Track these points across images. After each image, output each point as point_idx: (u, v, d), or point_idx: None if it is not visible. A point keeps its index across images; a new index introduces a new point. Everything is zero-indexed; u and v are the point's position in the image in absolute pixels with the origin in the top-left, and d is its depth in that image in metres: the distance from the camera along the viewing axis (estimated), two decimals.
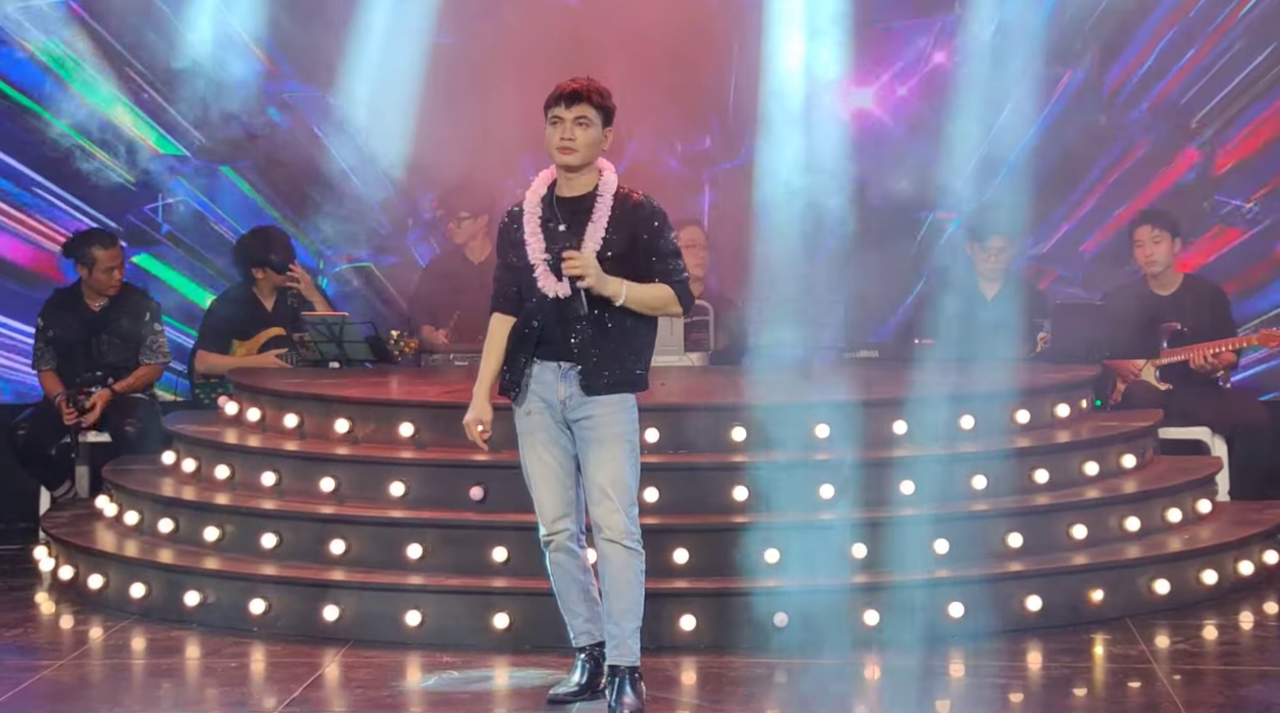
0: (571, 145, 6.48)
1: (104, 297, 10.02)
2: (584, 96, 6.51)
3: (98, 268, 9.95)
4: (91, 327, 10.05)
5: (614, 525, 6.51)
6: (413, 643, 7.55)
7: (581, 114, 6.50)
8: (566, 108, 6.50)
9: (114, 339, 10.06)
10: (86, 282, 10.01)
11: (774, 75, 10.57)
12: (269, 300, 10.22)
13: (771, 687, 7.03)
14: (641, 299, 6.53)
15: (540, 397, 6.61)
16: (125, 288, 10.16)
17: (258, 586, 7.83)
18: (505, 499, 7.83)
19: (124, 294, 10.12)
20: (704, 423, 8.10)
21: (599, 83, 6.58)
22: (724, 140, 11.25)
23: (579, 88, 6.53)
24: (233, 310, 10.22)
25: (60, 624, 8.16)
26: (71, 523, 8.95)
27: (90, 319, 10.06)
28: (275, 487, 8.30)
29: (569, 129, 6.49)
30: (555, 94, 6.55)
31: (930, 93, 10.99)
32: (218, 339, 10.17)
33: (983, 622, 7.64)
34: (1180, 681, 7.01)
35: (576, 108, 6.49)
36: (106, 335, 10.05)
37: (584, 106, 6.50)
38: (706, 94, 11.18)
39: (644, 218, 6.56)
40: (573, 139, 6.48)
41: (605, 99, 6.56)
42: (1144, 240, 9.82)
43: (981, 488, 8.08)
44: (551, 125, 6.53)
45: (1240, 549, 8.40)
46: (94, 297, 10.05)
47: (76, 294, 10.12)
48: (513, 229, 6.66)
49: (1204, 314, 9.79)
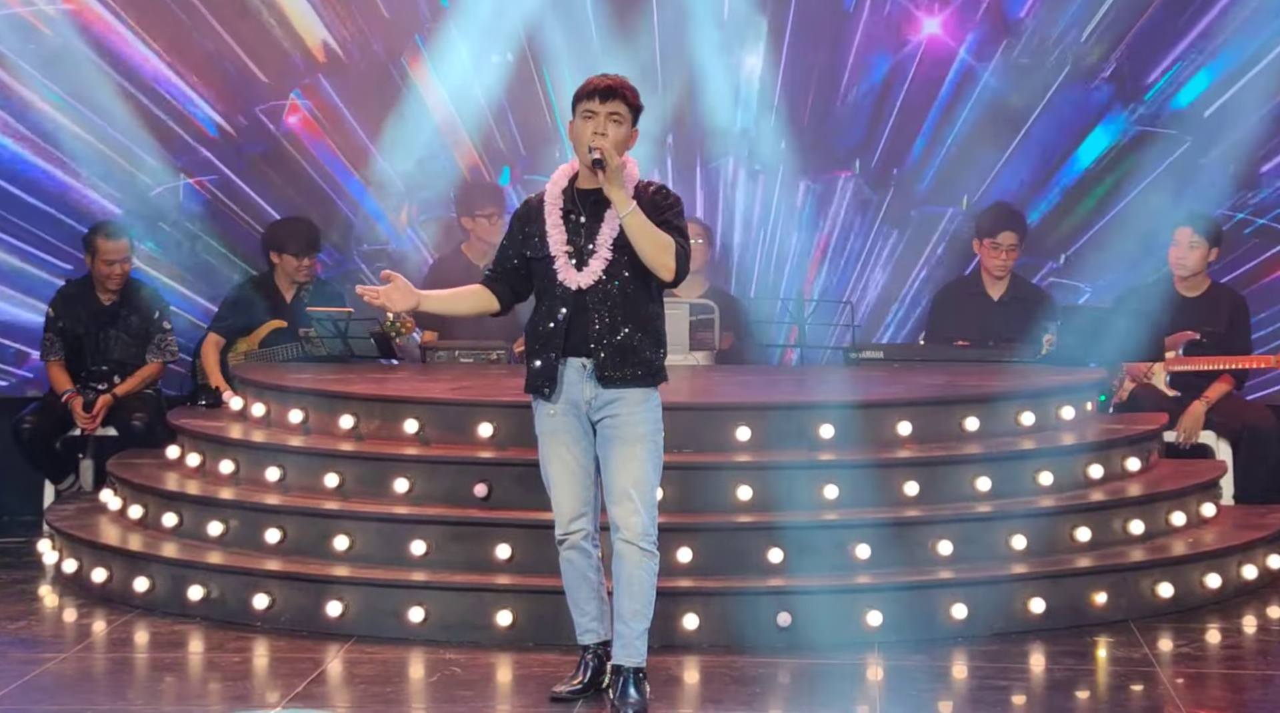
0: (604, 142, 6.47)
1: (113, 292, 10.02)
2: (618, 93, 6.52)
3: (99, 258, 9.95)
4: (100, 321, 10.05)
5: (633, 526, 6.52)
6: (416, 639, 7.55)
7: (615, 110, 6.50)
8: (601, 103, 6.50)
9: (122, 335, 10.05)
10: (92, 271, 10.02)
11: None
12: (288, 292, 10.20)
13: (775, 687, 7.03)
14: (646, 226, 6.46)
15: (566, 397, 6.60)
16: (136, 285, 10.14)
17: (261, 581, 7.83)
18: (509, 496, 7.83)
19: (134, 291, 10.10)
20: (708, 422, 8.10)
21: (629, 81, 6.60)
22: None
23: (614, 84, 6.54)
24: (250, 294, 10.21)
25: (64, 618, 8.16)
26: (75, 516, 8.95)
27: (99, 313, 10.05)
28: (279, 482, 8.30)
29: (602, 124, 6.49)
30: (589, 89, 6.55)
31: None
32: (230, 320, 10.13)
33: (986, 623, 7.65)
34: (1183, 684, 7.01)
35: (611, 103, 6.50)
36: (115, 331, 10.05)
37: (618, 103, 6.51)
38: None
39: (658, 200, 6.57)
40: (605, 134, 6.47)
41: (637, 98, 6.57)
42: (1181, 242, 9.79)
43: (986, 490, 8.08)
44: (584, 119, 6.52)
45: (1244, 553, 8.40)
46: (104, 290, 10.04)
47: (88, 286, 10.10)
48: (528, 221, 6.66)
49: (1223, 322, 9.79)
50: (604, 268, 6.53)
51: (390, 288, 6.71)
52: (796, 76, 10.87)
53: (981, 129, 10.78)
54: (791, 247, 11.11)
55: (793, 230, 11.09)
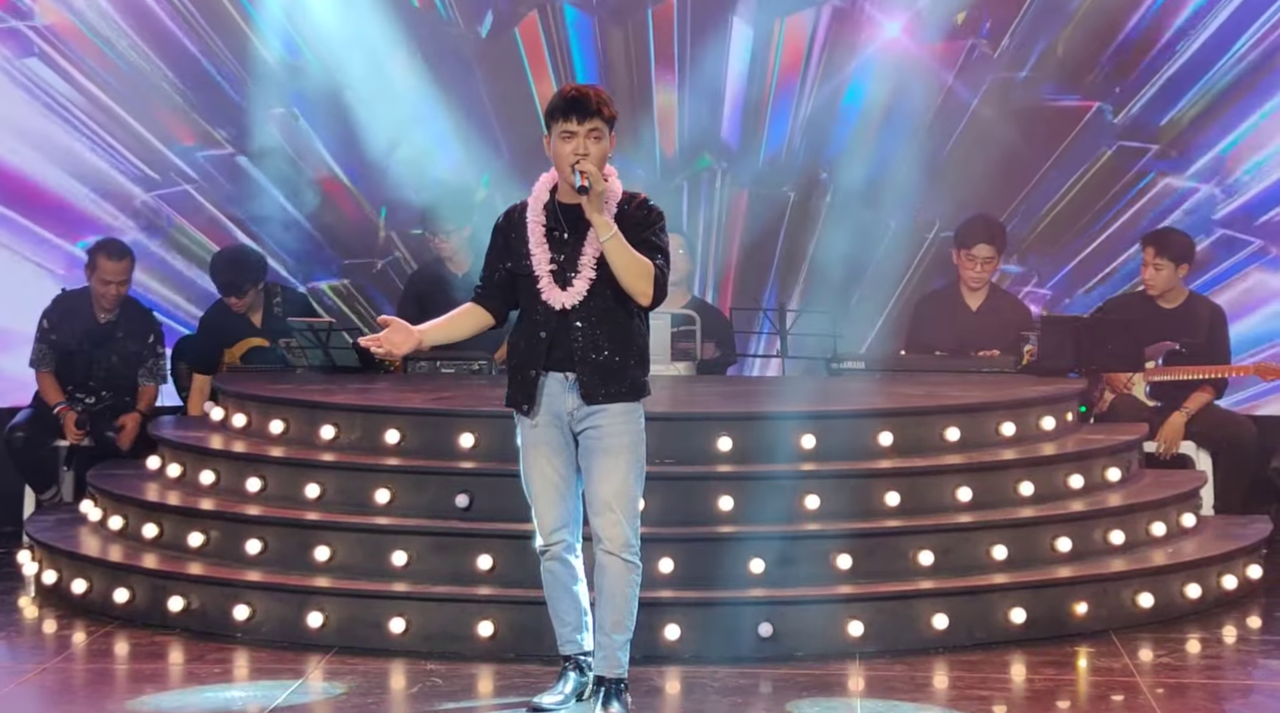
0: (588, 165, 6.40)
1: (108, 310, 9.99)
2: (595, 110, 6.43)
3: (97, 276, 9.94)
4: (94, 338, 10.02)
5: (615, 538, 6.51)
6: (397, 650, 7.54)
7: (594, 127, 6.45)
8: (580, 122, 6.43)
9: (114, 356, 10.03)
10: (89, 284, 10.01)
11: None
12: (255, 316, 10.18)
13: (756, 697, 7.03)
14: (625, 252, 6.40)
15: (548, 409, 6.59)
16: (133, 306, 10.13)
17: (242, 591, 7.82)
18: (491, 507, 7.82)
19: (130, 313, 10.08)
20: (690, 433, 8.10)
21: (603, 90, 6.54)
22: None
23: (590, 101, 6.43)
24: (218, 321, 10.20)
25: (44, 629, 8.14)
26: (56, 527, 8.93)
27: (94, 331, 10.02)
28: (260, 493, 8.29)
29: (582, 144, 6.43)
30: (564, 105, 6.44)
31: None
32: (205, 355, 10.12)
33: (966, 633, 7.66)
34: (1163, 694, 7.02)
35: (589, 122, 6.44)
36: (106, 350, 10.02)
37: (596, 120, 6.45)
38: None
39: (640, 216, 6.52)
40: (587, 154, 6.42)
41: (613, 108, 6.49)
42: (1147, 262, 9.85)
43: (966, 500, 8.09)
44: (562, 139, 6.45)
45: (1224, 564, 8.42)
46: (100, 308, 10.02)
47: (85, 300, 10.06)
48: (510, 234, 6.64)
49: (1202, 333, 9.81)
50: (588, 287, 6.51)
51: (389, 333, 6.63)
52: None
53: (955, 142, 10.86)
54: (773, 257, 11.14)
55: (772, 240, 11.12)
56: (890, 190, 10.83)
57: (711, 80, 11.02)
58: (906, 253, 11.03)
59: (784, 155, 11.09)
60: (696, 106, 11.06)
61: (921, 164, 10.80)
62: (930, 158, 10.84)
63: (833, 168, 10.98)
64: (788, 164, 11.12)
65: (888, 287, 11.02)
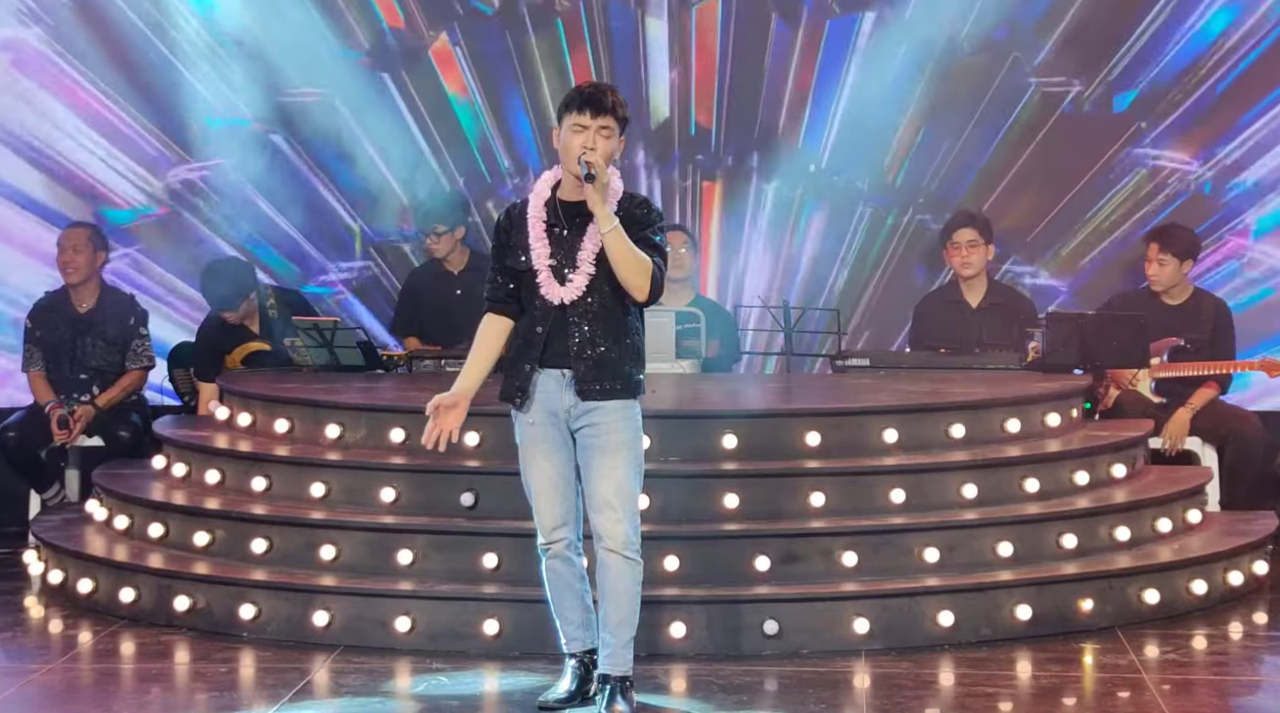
0: (594, 155, 6.43)
1: (77, 286, 10.07)
2: (609, 108, 6.45)
3: (58, 251, 10.07)
4: (77, 328, 10.08)
5: (616, 535, 6.51)
6: (402, 649, 7.54)
7: (605, 124, 6.46)
8: (592, 117, 6.44)
9: (99, 342, 10.08)
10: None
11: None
12: (251, 322, 10.18)
13: (762, 694, 7.03)
14: (625, 245, 6.39)
15: (544, 406, 6.59)
16: (112, 292, 10.18)
17: (247, 591, 7.82)
18: (496, 506, 7.83)
19: (109, 300, 10.14)
20: (695, 430, 8.10)
21: (617, 91, 6.55)
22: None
23: (605, 98, 6.45)
24: (215, 331, 10.20)
25: (50, 629, 8.14)
26: (61, 527, 8.94)
27: (76, 321, 10.09)
28: (265, 492, 8.30)
29: (591, 138, 6.44)
30: (579, 99, 6.47)
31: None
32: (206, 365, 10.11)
33: (972, 630, 7.66)
34: (1170, 691, 7.02)
35: (601, 118, 6.45)
36: (91, 338, 10.07)
37: (608, 117, 6.46)
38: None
39: (639, 215, 6.52)
40: (595, 148, 6.43)
41: (625, 109, 6.50)
42: (1151, 258, 9.85)
43: (972, 497, 8.08)
44: (572, 132, 6.47)
45: (1230, 560, 8.41)
46: (80, 298, 10.07)
47: (65, 296, 10.16)
48: (511, 231, 6.65)
49: (1206, 329, 9.81)
50: (586, 283, 6.52)
51: (440, 417, 6.55)
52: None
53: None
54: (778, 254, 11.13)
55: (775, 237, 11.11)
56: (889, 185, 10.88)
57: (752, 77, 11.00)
58: (881, 241, 11.02)
59: (824, 154, 11.02)
60: (737, 103, 11.03)
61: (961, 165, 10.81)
62: (969, 162, 10.84)
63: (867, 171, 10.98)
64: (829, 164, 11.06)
65: (862, 277, 11.02)
